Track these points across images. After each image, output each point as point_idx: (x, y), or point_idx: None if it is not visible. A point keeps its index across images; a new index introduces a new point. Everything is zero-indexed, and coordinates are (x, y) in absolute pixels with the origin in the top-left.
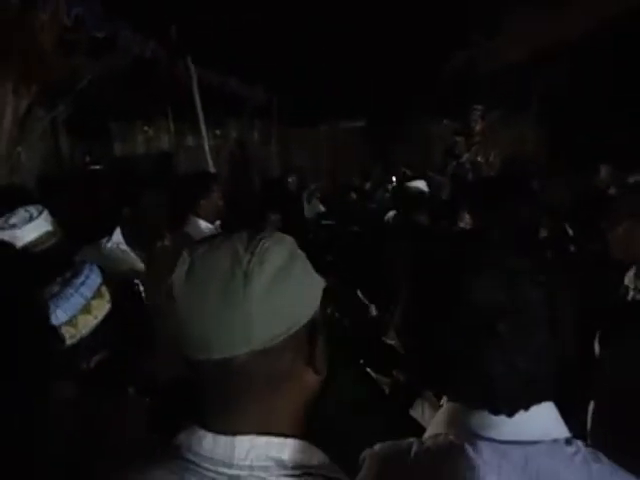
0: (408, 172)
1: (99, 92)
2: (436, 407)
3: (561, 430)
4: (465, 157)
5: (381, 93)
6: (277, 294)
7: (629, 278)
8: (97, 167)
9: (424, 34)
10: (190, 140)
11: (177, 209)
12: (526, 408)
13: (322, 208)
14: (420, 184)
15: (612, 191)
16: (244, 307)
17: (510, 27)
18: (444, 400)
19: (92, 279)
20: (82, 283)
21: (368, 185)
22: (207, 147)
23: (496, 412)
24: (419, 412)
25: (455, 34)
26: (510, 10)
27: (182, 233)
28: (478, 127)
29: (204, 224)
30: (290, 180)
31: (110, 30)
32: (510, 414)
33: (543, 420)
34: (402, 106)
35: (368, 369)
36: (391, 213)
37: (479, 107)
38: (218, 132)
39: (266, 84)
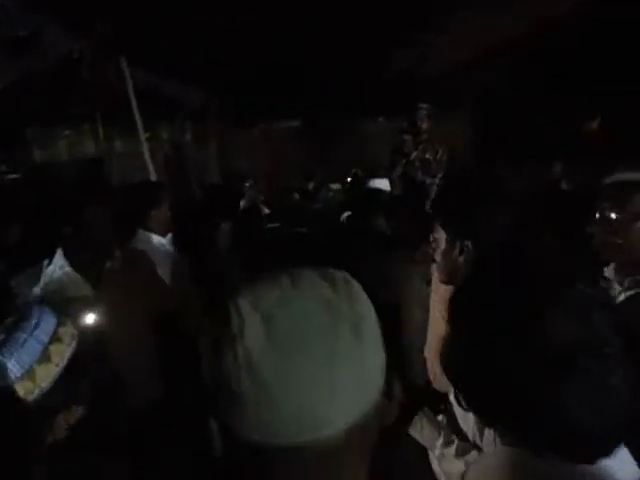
0: (360, 172)
1: (16, 95)
2: (435, 424)
3: (635, 472)
4: (414, 155)
5: (316, 92)
6: (380, 348)
7: (609, 273)
8: (15, 176)
9: (364, 32)
10: (119, 145)
11: (123, 223)
12: (609, 454)
13: (266, 210)
14: (381, 184)
15: (564, 187)
16: (357, 369)
17: (456, 27)
18: (442, 417)
19: (46, 320)
20: (36, 326)
21: (311, 185)
22: (147, 153)
23: (576, 460)
24: (418, 430)
25: (397, 32)
26: (456, 9)
27: (132, 250)
28: (425, 125)
29: (156, 238)
30: (247, 184)
31: (34, 27)
32: (592, 462)
33: (621, 463)
34: (338, 104)
35: None
36: (345, 214)
37: (425, 105)
38: (147, 135)
39: (203, 85)
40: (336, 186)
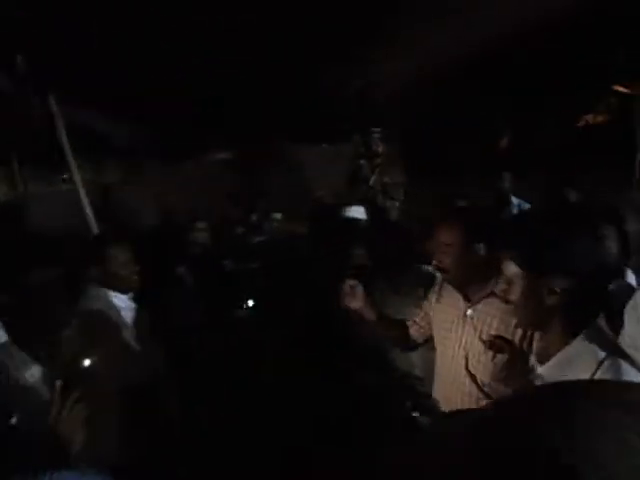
0: (324, 199)
1: None
2: None
3: None
4: (373, 180)
5: (250, 120)
6: None
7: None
8: None
9: (303, 58)
10: (36, 189)
11: (72, 282)
12: None
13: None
14: (357, 211)
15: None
16: None
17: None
18: None
19: None
20: None
21: (254, 217)
22: (84, 195)
23: None
24: None
25: (338, 56)
26: (402, 28)
27: (88, 312)
28: (380, 149)
29: (114, 295)
30: (201, 226)
31: None
32: None
33: None
34: (273, 133)
35: None
36: (309, 244)
37: (377, 129)
38: (65, 176)
39: (130, 120)
40: (279, 216)
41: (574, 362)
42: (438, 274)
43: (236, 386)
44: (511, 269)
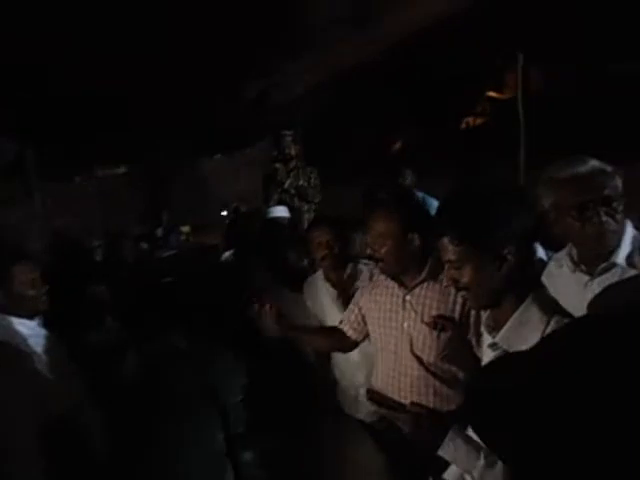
0: (240, 207)
1: None
2: (472, 444)
3: None
4: (288, 183)
5: (146, 134)
6: None
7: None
8: None
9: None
10: None
11: None
12: None
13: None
14: (281, 211)
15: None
16: None
17: (309, 52)
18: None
19: None
20: None
21: (159, 232)
22: None
23: None
24: (450, 451)
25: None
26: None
27: None
28: (292, 152)
29: (18, 322)
30: (116, 243)
31: None
32: None
33: None
34: (170, 145)
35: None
36: (227, 254)
37: (289, 132)
38: None
39: (14, 135)
40: (187, 228)
41: (525, 324)
42: (368, 267)
43: (160, 407)
44: (456, 254)
